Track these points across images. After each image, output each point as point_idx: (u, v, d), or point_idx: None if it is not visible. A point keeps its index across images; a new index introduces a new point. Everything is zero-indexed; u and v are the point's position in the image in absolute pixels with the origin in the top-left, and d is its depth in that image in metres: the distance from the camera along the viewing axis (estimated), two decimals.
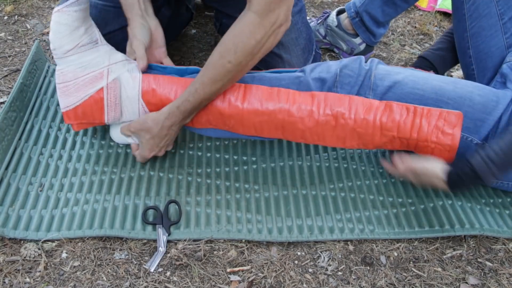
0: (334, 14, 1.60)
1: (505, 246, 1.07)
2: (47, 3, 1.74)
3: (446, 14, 1.90)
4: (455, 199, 1.14)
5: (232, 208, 1.08)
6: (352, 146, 1.08)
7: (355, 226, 1.06)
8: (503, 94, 1.06)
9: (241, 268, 0.97)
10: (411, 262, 1.02)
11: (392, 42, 1.74)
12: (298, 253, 1.02)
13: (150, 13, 1.13)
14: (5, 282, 0.91)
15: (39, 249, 0.96)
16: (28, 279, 0.92)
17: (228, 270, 0.97)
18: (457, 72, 1.57)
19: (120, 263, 0.96)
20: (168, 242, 1.00)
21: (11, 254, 0.96)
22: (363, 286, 0.97)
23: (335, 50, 1.65)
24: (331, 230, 1.05)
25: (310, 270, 0.99)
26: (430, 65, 1.33)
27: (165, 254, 0.98)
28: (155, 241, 1.00)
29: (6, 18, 1.64)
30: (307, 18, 1.46)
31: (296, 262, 1.00)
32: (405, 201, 1.13)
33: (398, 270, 1.00)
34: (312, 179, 1.17)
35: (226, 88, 1.04)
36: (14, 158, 1.13)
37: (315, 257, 1.01)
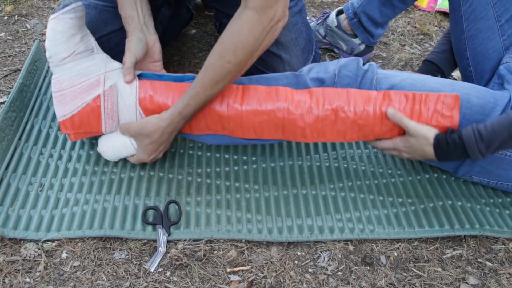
0: (333, 14, 1.60)
1: (505, 246, 1.07)
2: (47, 3, 1.74)
3: (446, 14, 1.90)
4: (455, 199, 1.14)
5: (232, 208, 1.08)
6: (352, 139, 1.08)
7: (355, 226, 1.07)
8: (501, 96, 1.06)
9: (241, 268, 0.97)
10: (411, 262, 1.02)
11: (392, 42, 1.74)
12: (298, 253, 1.02)
13: (149, 27, 1.12)
14: (5, 282, 0.91)
15: (39, 249, 0.97)
16: (28, 279, 0.92)
17: (228, 270, 0.97)
18: (456, 72, 1.57)
19: (120, 263, 0.96)
20: (168, 242, 1.00)
21: (11, 254, 0.96)
22: (363, 286, 0.97)
23: (335, 50, 1.65)
24: (331, 230, 1.05)
25: (310, 270, 0.99)
26: (437, 68, 1.32)
27: (165, 254, 0.98)
28: (155, 241, 1.00)
29: (6, 18, 1.64)
30: (307, 18, 1.46)
31: (296, 262, 1.00)
32: (405, 201, 1.13)
33: (398, 270, 1.00)
34: (312, 179, 1.17)
35: (226, 88, 1.04)
36: (14, 158, 1.13)
37: (315, 257, 1.01)
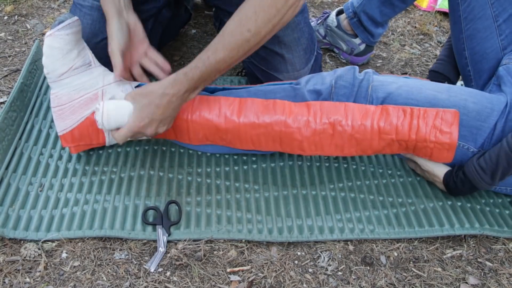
0: (333, 14, 1.60)
1: (505, 246, 1.07)
2: (47, 3, 1.74)
3: (446, 14, 1.90)
4: (455, 200, 1.14)
5: (232, 208, 1.08)
6: (350, 153, 1.09)
7: (355, 226, 1.07)
8: (497, 100, 1.06)
9: (241, 268, 0.97)
10: (411, 262, 1.02)
11: (392, 42, 1.74)
12: (298, 253, 1.02)
13: (128, 8, 1.08)
14: (5, 282, 0.91)
15: (39, 249, 0.97)
16: (28, 279, 0.92)
17: (228, 270, 0.97)
18: None
19: (120, 263, 0.96)
20: (168, 242, 1.00)
21: (11, 254, 0.96)
22: (363, 286, 0.97)
23: (335, 50, 1.65)
24: (331, 230, 1.05)
25: (310, 270, 0.99)
26: (444, 77, 1.33)
27: (165, 254, 0.98)
28: (155, 241, 1.00)
29: (6, 18, 1.64)
30: None
31: (296, 262, 1.00)
32: (405, 201, 1.13)
33: (398, 270, 1.00)
34: (312, 179, 1.17)
35: (237, 62, 1.00)
36: (14, 158, 1.13)
37: (315, 257, 1.01)
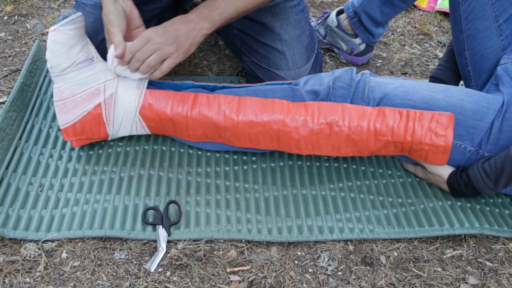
0: (334, 14, 1.60)
1: (505, 246, 1.07)
2: (47, 3, 1.74)
3: (446, 14, 1.90)
4: (455, 200, 1.14)
5: (232, 208, 1.08)
6: (347, 154, 1.10)
7: (355, 225, 1.06)
8: (494, 99, 1.07)
9: (241, 268, 0.97)
10: (411, 262, 1.02)
11: (392, 42, 1.74)
12: (298, 253, 1.02)
13: None
14: (5, 282, 0.91)
15: (39, 249, 0.96)
16: (28, 279, 0.92)
17: (228, 270, 0.97)
18: None
19: (120, 263, 0.96)
20: (168, 242, 1.00)
21: (11, 254, 0.96)
22: (363, 286, 0.97)
23: (335, 50, 1.65)
24: (331, 230, 1.05)
25: (310, 270, 0.99)
26: (444, 83, 1.32)
27: (165, 254, 0.98)
28: (155, 241, 1.00)
29: (6, 18, 1.64)
30: None
31: (296, 262, 1.00)
32: (404, 201, 1.13)
33: (398, 270, 1.00)
34: (312, 179, 1.17)
35: (260, 4, 1.09)
36: (14, 158, 1.13)
37: (315, 257, 1.01)
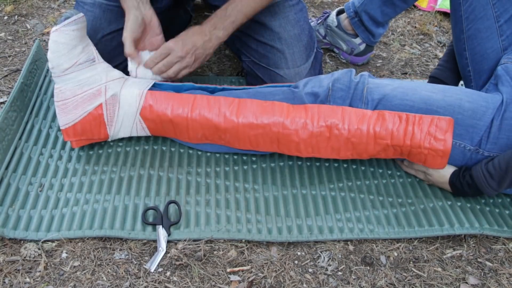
0: (334, 14, 1.60)
1: (505, 246, 1.07)
2: (47, 3, 1.74)
3: (446, 14, 1.90)
4: (455, 200, 1.14)
5: (232, 208, 1.08)
6: (346, 157, 1.10)
7: (355, 225, 1.06)
8: (492, 99, 1.07)
9: (241, 268, 0.97)
10: (411, 262, 1.02)
11: (392, 42, 1.74)
12: (298, 253, 1.02)
13: (145, 2, 1.14)
14: (5, 282, 0.91)
15: (39, 249, 0.96)
16: (28, 279, 0.92)
17: (228, 270, 0.97)
18: None
19: (120, 263, 0.96)
20: (168, 242, 1.00)
21: (11, 254, 0.96)
22: (363, 286, 0.97)
23: (335, 50, 1.65)
24: (331, 230, 1.05)
25: (310, 270, 0.99)
26: (443, 83, 1.32)
27: (165, 254, 0.98)
28: (155, 241, 1.00)
29: (6, 18, 1.64)
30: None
31: (296, 262, 1.00)
32: (404, 201, 1.13)
33: (398, 270, 1.00)
34: (311, 179, 1.17)
35: (266, 4, 1.16)
36: (14, 158, 1.13)
37: (315, 257, 1.01)
